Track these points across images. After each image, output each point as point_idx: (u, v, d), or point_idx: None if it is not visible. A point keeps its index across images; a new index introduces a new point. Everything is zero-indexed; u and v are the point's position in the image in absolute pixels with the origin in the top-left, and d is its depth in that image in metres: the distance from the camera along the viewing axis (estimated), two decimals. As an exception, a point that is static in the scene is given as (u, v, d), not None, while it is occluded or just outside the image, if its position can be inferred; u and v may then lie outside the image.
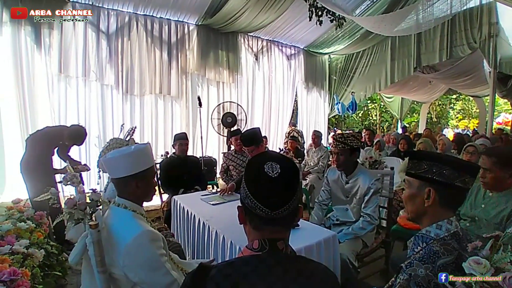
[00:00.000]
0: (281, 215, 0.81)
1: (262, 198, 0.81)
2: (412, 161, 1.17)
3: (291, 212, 0.83)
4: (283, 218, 0.83)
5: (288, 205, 0.82)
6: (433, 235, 1.09)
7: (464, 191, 1.11)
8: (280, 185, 0.82)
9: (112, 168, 1.36)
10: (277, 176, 0.81)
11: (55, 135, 3.33)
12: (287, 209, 0.82)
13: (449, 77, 7.95)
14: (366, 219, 2.19)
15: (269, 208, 0.80)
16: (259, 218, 0.83)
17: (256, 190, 0.82)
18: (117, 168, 1.34)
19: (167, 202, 3.28)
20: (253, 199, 0.81)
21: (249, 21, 6.00)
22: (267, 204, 0.80)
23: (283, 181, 0.82)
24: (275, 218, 0.81)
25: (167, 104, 5.88)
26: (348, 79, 8.61)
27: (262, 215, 0.81)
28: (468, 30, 6.25)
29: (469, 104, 17.90)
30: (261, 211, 0.81)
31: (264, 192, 0.81)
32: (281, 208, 0.81)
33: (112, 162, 1.35)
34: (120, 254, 1.20)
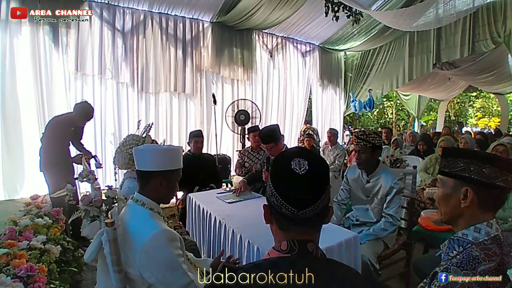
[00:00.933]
0: (308, 215, 0.75)
1: (288, 196, 0.76)
2: (447, 158, 1.08)
3: (319, 212, 0.77)
4: (310, 219, 0.77)
5: (317, 204, 0.76)
6: (471, 239, 1.00)
7: (506, 192, 1.02)
8: (307, 182, 0.76)
9: (142, 159, 1.36)
10: (305, 173, 0.76)
11: (65, 122, 3.30)
12: (315, 208, 0.76)
13: (470, 73, 7.67)
14: (388, 220, 2.11)
15: (296, 207, 0.75)
16: (285, 217, 0.77)
17: (282, 188, 0.77)
18: (147, 160, 1.34)
19: (182, 199, 3.26)
20: (278, 197, 0.76)
21: (264, 17, 5.94)
22: (294, 203, 0.75)
23: (311, 179, 0.76)
24: (301, 218, 0.76)
25: (182, 102, 5.89)
26: (364, 76, 8.44)
27: (288, 215, 0.76)
28: (492, 24, 5.99)
29: (490, 102, 17.35)
30: (287, 210, 0.75)
31: (291, 190, 0.76)
32: (309, 208, 0.75)
33: (143, 154, 1.36)
34: (137, 253, 1.16)
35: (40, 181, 3.27)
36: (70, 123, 3.32)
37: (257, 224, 1.71)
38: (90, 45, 4.88)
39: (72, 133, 3.40)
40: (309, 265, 0.74)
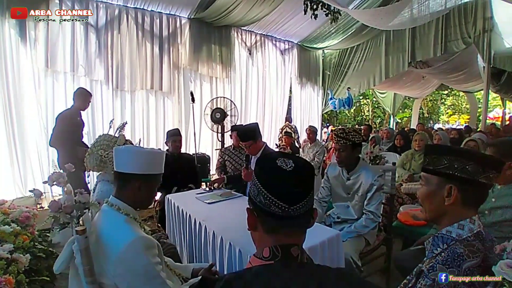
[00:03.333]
0: (298, 212, 0.73)
1: (279, 191, 0.73)
2: (430, 156, 1.08)
3: (308, 210, 0.75)
4: (300, 217, 0.74)
5: (306, 200, 0.74)
6: (454, 236, 1.02)
7: (487, 188, 1.04)
8: (296, 178, 0.75)
9: (121, 160, 1.29)
10: (292, 169, 0.75)
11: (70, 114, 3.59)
12: (304, 204, 0.74)
13: (442, 72, 7.94)
14: (369, 217, 2.12)
15: (287, 203, 0.72)
16: (275, 217, 0.73)
17: (271, 184, 0.74)
18: (127, 162, 1.27)
19: (160, 201, 3.17)
20: (267, 194, 0.73)
21: (242, 14, 5.88)
22: (285, 198, 0.72)
23: (298, 175, 0.75)
24: (292, 216, 0.72)
25: (159, 100, 5.73)
26: (342, 75, 8.56)
27: (278, 213, 0.72)
28: (463, 25, 6.24)
29: (460, 99, 18.07)
30: (277, 207, 0.72)
31: (281, 185, 0.74)
32: (299, 203, 0.73)
33: (123, 154, 1.29)
34: (111, 262, 1.09)
35: (8, 185, 3.10)
36: (75, 113, 3.58)
37: (238, 224, 1.66)
38: (61, 40, 4.64)
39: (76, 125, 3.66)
40: (295, 273, 0.70)
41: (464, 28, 6.23)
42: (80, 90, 3.81)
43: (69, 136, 3.50)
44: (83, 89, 3.92)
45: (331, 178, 2.39)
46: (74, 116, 3.67)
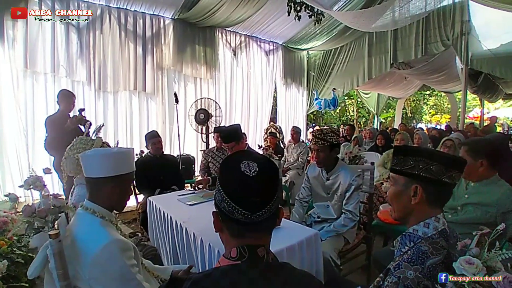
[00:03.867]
0: (262, 218, 0.74)
1: (241, 200, 0.74)
2: (398, 156, 1.12)
3: (272, 214, 0.77)
4: (264, 222, 0.75)
5: (269, 206, 0.75)
6: (420, 234, 1.06)
7: (451, 187, 1.07)
8: (259, 184, 0.75)
9: (90, 165, 1.26)
10: (255, 175, 0.75)
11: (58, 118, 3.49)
12: (268, 210, 0.75)
13: (423, 73, 8.13)
14: (347, 216, 2.17)
15: (249, 211, 0.73)
16: (238, 223, 0.75)
17: (234, 192, 0.75)
18: (96, 166, 1.25)
19: (143, 203, 3.14)
20: (230, 202, 0.74)
21: (226, 15, 5.89)
22: (247, 206, 0.73)
23: (262, 180, 0.75)
24: (255, 222, 0.74)
25: (142, 101, 5.68)
26: (326, 75, 8.66)
27: (241, 220, 0.74)
28: (442, 27, 6.41)
29: (442, 100, 18.51)
30: (240, 215, 0.73)
31: (243, 193, 0.74)
32: (262, 210, 0.74)
33: (91, 160, 1.26)
34: (86, 265, 1.09)
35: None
36: (62, 117, 3.46)
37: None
38: (41, 40, 4.54)
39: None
40: (260, 272, 0.73)
41: (443, 31, 6.41)
42: (62, 92, 3.74)
43: (60, 141, 3.40)
44: (65, 90, 3.85)
45: (311, 178, 2.43)
46: (62, 121, 3.54)
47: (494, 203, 1.79)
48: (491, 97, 10.47)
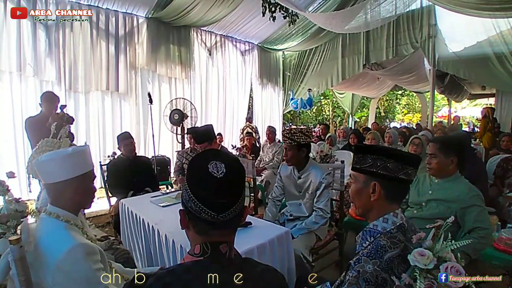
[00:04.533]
0: (228, 218, 0.77)
1: (208, 201, 0.75)
2: (358, 155, 1.16)
3: (238, 213, 0.79)
4: (230, 221, 0.78)
5: (236, 206, 0.78)
6: (380, 229, 1.09)
7: (407, 183, 1.12)
8: (226, 186, 0.77)
9: (46, 172, 1.20)
10: (223, 176, 0.77)
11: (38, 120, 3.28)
12: (234, 211, 0.77)
13: (395, 74, 8.43)
14: (318, 213, 2.22)
15: (216, 212, 0.75)
16: (205, 222, 0.77)
17: (201, 193, 0.76)
18: (53, 172, 1.19)
19: (115, 206, 3.08)
20: (197, 202, 0.75)
21: (201, 15, 5.86)
22: (214, 207, 0.75)
23: (229, 182, 0.78)
24: (221, 221, 0.76)
25: (115, 102, 5.57)
26: (301, 76, 8.82)
27: (208, 219, 0.76)
28: (411, 30, 6.71)
29: (413, 99, 19.19)
30: (207, 215, 0.75)
31: (210, 195, 0.76)
32: (229, 211, 0.76)
33: (46, 165, 1.19)
34: (50, 271, 1.06)
35: None
36: (43, 120, 3.23)
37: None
38: (6, 38, 4.35)
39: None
40: (222, 267, 0.75)
41: (412, 34, 6.71)
42: (46, 94, 3.53)
43: None
44: (49, 93, 3.63)
45: (283, 177, 2.47)
46: (44, 123, 3.29)
47: (455, 199, 1.88)
48: (457, 97, 11.00)
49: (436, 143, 2.01)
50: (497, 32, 5.67)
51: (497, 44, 5.74)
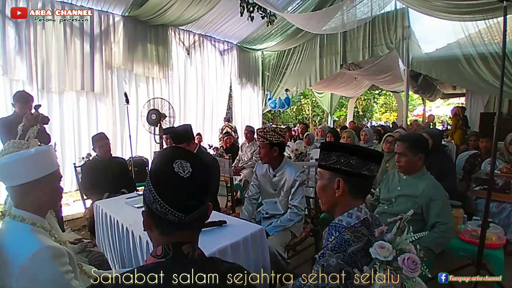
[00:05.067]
0: (195, 218, 0.75)
1: (175, 202, 0.73)
2: (323, 152, 1.19)
3: (203, 213, 0.79)
4: (196, 221, 0.77)
5: (203, 206, 0.77)
6: (344, 224, 1.12)
7: (370, 179, 1.16)
8: (193, 186, 0.75)
9: (9, 174, 1.17)
10: (189, 176, 0.75)
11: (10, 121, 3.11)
12: (201, 210, 0.77)
13: (371, 74, 8.64)
14: (293, 211, 2.25)
15: (183, 212, 0.73)
16: (170, 223, 0.75)
17: (167, 194, 0.73)
18: (16, 174, 1.15)
19: (90, 208, 3.02)
20: (163, 203, 0.72)
21: (179, 14, 5.82)
22: (180, 209, 0.73)
23: (196, 181, 0.76)
24: (187, 222, 0.75)
25: (91, 102, 5.44)
26: (280, 75, 8.91)
27: (174, 220, 0.74)
28: (386, 31, 6.92)
29: (390, 99, 19.69)
30: (174, 216, 0.73)
31: (177, 195, 0.74)
32: (196, 211, 0.75)
33: (9, 167, 1.16)
34: (14, 275, 1.03)
35: None
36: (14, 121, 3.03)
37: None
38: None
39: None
40: (184, 268, 0.74)
41: (387, 35, 6.91)
42: (19, 94, 3.37)
43: None
44: (22, 92, 3.46)
45: (259, 176, 2.50)
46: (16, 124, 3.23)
47: (420, 194, 1.97)
48: (430, 96, 11.38)
49: (404, 142, 2.08)
50: (466, 35, 5.90)
51: (465, 46, 5.97)
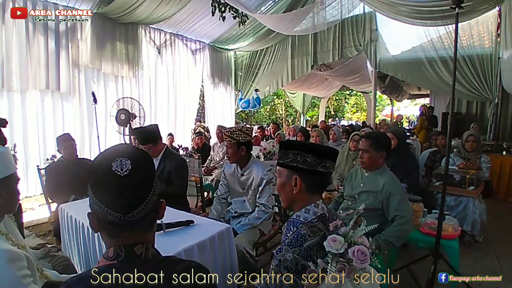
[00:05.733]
0: (137, 217, 0.73)
1: (111, 202, 0.71)
2: (281, 151, 1.23)
3: (150, 211, 0.76)
4: (140, 220, 0.74)
5: (145, 204, 0.74)
6: (302, 219, 1.17)
7: (326, 176, 1.21)
8: (132, 183, 0.72)
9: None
10: (128, 173, 0.72)
11: None
12: (143, 209, 0.73)
13: (341, 75, 8.91)
14: (261, 209, 2.30)
15: (122, 213, 0.71)
16: (113, 224, 0.73)
17: (104, 194, 0.72)
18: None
19: (55, 212, 2.92)
20: (101, 205, 0.71)
21: (149, 12, 5.72)
22: (119, 209, 0.71)
23: (135, 179, 0.73)
24: (131, 221, 0.72)
25: (57, 102, 5.22)
26: (253, 75, 8.98)
27: (115, 221, 0.72)
28: (355, 34, 7.17)
29: (361, 99, 20.32)
30: (113, 217, 0.71)
31: (113, 195, 0.71)
32: (136, 210, 0.72)
33: None
34: None
35: None
36: None
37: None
38: None
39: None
40: (136, 269, 0.72)
41: (356, 37, 7.16)
42: None
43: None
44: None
45: (227, 175, 2.53)
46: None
47: (380, 189, 2.08)
48: (398, 97, 11.88)
49: (368, 139, 2.18)
50: (428, 39, 6.24)
51: (428, 50, 6.31)
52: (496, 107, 6.05)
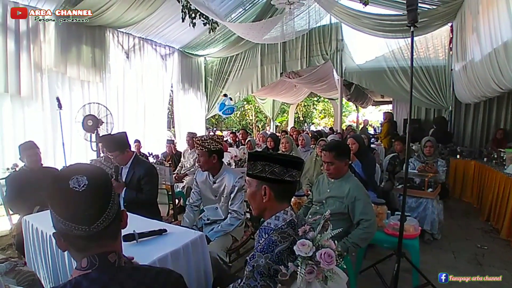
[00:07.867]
0: (102, 227, 0.76)
1: (75, 216, 0.73)
2: (250, 162, 1.30)
3: (113, 220, 0.79)
4: (106, 229, 0.77)
5: (107, 213, 0.77)
6: (273, 226, 1.24)
7: (293, 184, 1.29)
8: (91, 197, 0.75)
9: None
10: (85, 188, 0.74)
11: None
12: (107, 218, 0.77)
13: (309, 82, 9.19)
14: (233, 216, 2.35)
15: (86, 225, 0.74)
16: (80, 238, 0.75)
17: (66, 211, 0.74)
18: None
19: (18, 224, 2.78)
20: (65, 221, 0.73)
21: (117, 16, 5.62)
22: (82, 222, 0.73)
23: (93, 191, 0.76)
24: (97, 232, 0.75)
25: (17, 106, 4.94)
26: (223, 82, 9.06)
27: (82, 235, 0.74)
28: (322, 43, 7.50)
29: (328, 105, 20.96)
30: (79, 230, 0.73)
31: (75, 210, 0.74)
32: (100, 219, 0.75)
33: None
34: None
35: None
36: None
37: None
38: None
39: None
40: (112, 277, 0.76)
41: (323, 46, 7.49)
42: None
43: None
44: None
45: (199, 183, 2.55)
46: None
47: (346, 194, 2.21)
48: (363, 104, 12.40)
49: (331, 152, 2.29)
50: (390, 50, 6.65)
51: (390, 60, 6.72)
52: (450, 114, 6.52)
